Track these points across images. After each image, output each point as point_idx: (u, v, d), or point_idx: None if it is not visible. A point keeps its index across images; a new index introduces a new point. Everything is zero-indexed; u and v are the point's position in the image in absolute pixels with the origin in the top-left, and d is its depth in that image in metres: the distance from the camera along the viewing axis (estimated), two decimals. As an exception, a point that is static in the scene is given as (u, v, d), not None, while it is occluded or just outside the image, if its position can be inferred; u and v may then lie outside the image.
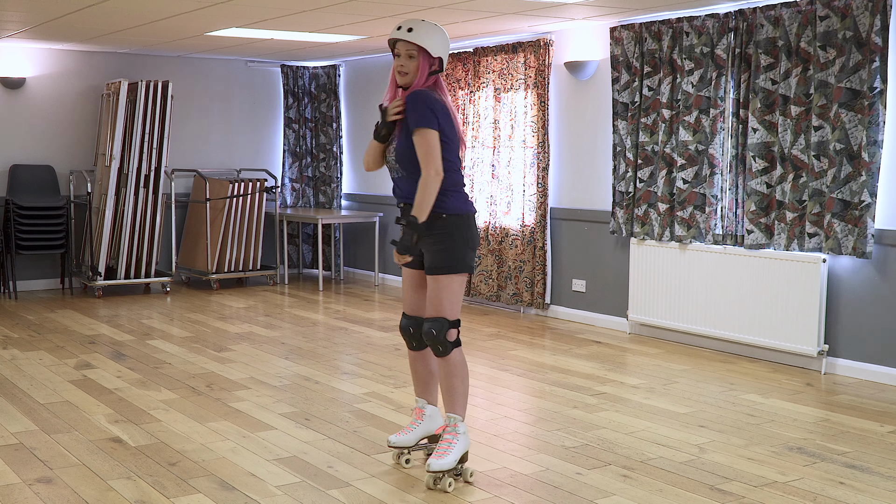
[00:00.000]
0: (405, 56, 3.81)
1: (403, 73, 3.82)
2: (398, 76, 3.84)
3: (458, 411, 3.91)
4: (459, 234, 3.84)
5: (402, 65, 3.81)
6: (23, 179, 8.80)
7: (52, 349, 6.43)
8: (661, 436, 4.54)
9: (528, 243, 7.75)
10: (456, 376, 3.88)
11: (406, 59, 3.81)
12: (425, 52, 3.79)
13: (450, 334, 3.83)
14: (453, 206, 3.84)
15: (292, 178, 10.26)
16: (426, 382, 4.12)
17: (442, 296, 3.82)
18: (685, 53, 6.40)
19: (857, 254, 5.53)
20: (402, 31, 3.80)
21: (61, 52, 9.04)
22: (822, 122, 5.65)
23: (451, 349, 3.85)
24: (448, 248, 3.82)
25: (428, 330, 3.83)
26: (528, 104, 7.66)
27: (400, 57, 3.81)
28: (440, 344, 3.83)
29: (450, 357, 3.86)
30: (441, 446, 3.85)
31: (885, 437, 4.56)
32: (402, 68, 3.82)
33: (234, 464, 4.10)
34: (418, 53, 3.79)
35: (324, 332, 7.19)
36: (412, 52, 3.80)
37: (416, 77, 3.81)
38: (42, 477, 3.93)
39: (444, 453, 3.81)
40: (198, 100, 9.77)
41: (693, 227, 6.46)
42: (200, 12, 6.58)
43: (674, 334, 6.76)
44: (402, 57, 3.81)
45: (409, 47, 3.80)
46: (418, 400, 4.14)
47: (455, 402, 3.90)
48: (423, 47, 3.78)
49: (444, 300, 3.83)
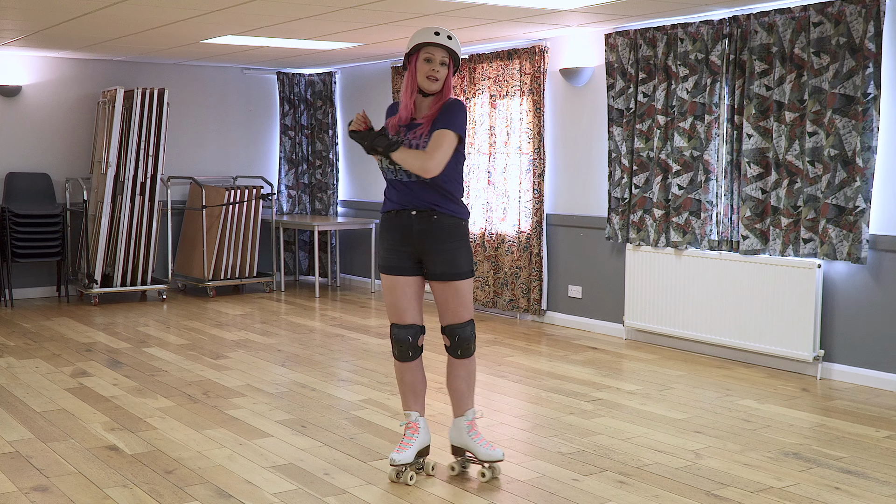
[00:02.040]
0: (439, 63, 3.78)
1: (435, 79, 3.79)
2: (428, 82, 3.79)
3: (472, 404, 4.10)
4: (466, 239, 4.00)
5: (436, 71, 3.78)
6: (19, 187, 8.80)
7: (49, 357, 6.43)
8: (658, 442, 4.54)
9: (524, 249, 7.75)
10: (474, 373, 4.08)
11: (439, 65, 3.78)
12: (455, 60, 3.82)
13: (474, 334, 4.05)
14: (467, 214, 3.99)
15: (288, 185, 10.26)
16: (420, 392, 4.08)
17: (467, 300, 3.97)
18: (680, 60, 6.42)
19: (852, 259, 5.55)
20: (442, 37, 3.76)
21: (57, 59, 9.04)
22: (817, 127, 5.67)
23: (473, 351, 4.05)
24: (468, 252, 3.97)
25: (470, 334, 3.98)
26: (524, 111, 7.68)
27: (432, 63, 3.77)
28: (473, 344, 4.02)
29: (474, 355, 4.06)
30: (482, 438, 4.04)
31: (881, 442, 4.57)
32: (436, 74, 3.78)
33: (231, 471, 4.10)
34: (450, 61, 3.80)
35: (320, 339, 7.19)
36: (445, 59, 3.78)
37: (442, 86, 3.81)
38: (38, 485, 3.93)
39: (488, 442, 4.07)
40: (194, 107, 9.77)
41: (688, 233, 6.47)
42: (196, 20, 6.59)
43: (670, 340, 6.77)
44: (434, 63, 3.77)
45: (444, 54, 3.77)
46: (410, 413, 4.04)
47: (471, 396, 4.08)
48: (456, 57, 3.81)
49: (468, 304, 3.98)
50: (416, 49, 3.81)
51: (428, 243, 3.89)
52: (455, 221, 3.92)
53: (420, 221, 3.89)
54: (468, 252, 3.96)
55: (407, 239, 3.92)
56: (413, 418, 4.04)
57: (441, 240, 3.88)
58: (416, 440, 4.00)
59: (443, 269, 3.90)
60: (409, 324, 3.98)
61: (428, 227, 3.89)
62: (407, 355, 4.00)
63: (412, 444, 3.99)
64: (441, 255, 3.89)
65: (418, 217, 3.89)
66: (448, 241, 3.90)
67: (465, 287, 3.94)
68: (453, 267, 3.90)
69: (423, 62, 3.79)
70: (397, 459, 3.92)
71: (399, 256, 3.94)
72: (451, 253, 3.90)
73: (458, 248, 3.92)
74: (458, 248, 3.92)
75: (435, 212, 3.88)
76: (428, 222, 3.89)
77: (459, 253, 3.92)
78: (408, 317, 3.98)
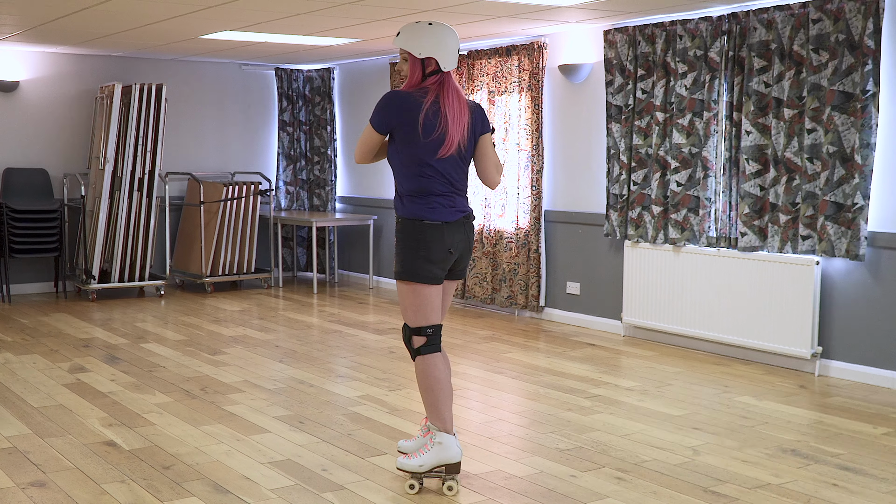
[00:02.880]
0: (401, 59, 3.87)
1: (403, 75, 3.89)
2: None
3: (434, 421, 3.86)
4: (409, 241, 3.80)
5: (400, 68, 3.87)
6: (16, 183, 8.79)
7: (46, 353, 6.42)
8: (655, 438, 4.54)
9: (522, 246, 7.75)
10: (420, 385, 3.86)
11: (402, 61, 3.86)
12: (410, 53, 3.79)
13: (413, 340, 3.84)
14: (409, 211, 3.79)
15: (286, 181, 10.26)
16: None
17: (400, 301, 3.88)
18: (679, 56, 6.41)
19: (851, 256, 5.55)
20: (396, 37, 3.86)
21: (55, 55, 9.03)
22: (815, 124, 5.67)
23: (415, 356, 3.85)
24: (397, 252, 3.83)
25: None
26: (522, 107, 7.67)
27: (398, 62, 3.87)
28: (406, 348, 3.90)
29: (415, 363, 3.86)
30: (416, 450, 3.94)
31: (879, 438, 4.57)
32: (402, 71, 3.88)
33: (228, 467, 4.10)
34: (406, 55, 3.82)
35: (318, 336, 7.19)
36: (403, 54, 3.84)
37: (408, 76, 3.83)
38: (35, 481, 3.92)
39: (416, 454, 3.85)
40: (192, 103, 9.76)
41: (687, 230, 6.47)
42: (194, 15, 6.58)
43: (668, 337, 6.77)
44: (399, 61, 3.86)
45: (399, 50, 3.85)
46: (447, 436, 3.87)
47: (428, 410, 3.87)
48: (405, 49, 3.79)
49: (401, 305, 3.86)
50: None
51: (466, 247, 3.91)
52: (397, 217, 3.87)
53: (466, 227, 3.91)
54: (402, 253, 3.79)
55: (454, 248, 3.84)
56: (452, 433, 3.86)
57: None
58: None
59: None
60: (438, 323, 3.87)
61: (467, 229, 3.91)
62: (439, 346, 3.85)
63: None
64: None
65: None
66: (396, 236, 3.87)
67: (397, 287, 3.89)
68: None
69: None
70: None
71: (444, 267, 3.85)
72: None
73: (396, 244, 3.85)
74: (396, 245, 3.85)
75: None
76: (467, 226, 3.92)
77: (396, 250, 3.84)
78: (437, 317, 3.87)
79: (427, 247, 3.77)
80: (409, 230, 3.79)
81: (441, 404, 3.82)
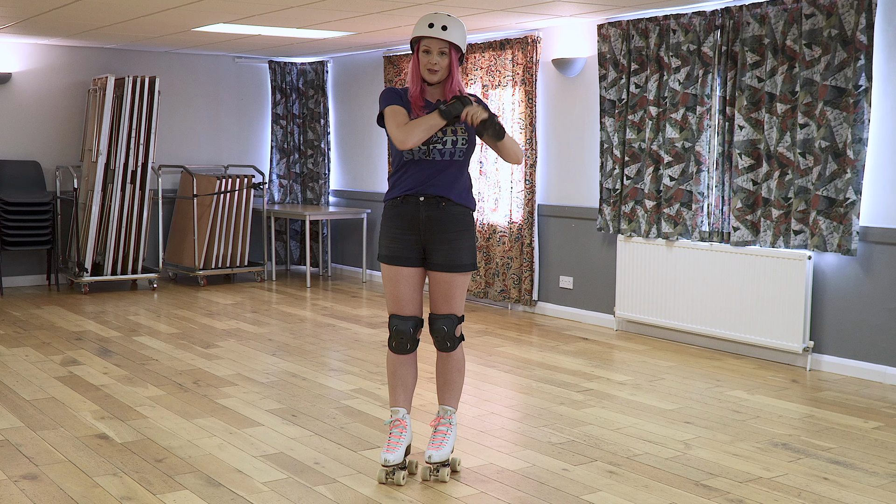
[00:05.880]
0: (437, 53, 3.71)
1: (434, 70, 3.72)
2: (428, 73, 3.73)
3: (455, 404, 4.00)
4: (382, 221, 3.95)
5: (435, 63, 3.71)
6: (8, 175, 8.77)
7: (38, 345, 6.41)
8: (647, 432, 4.56)
9: (515, 240, 7.76)
10: (460, 371, 3.98)
11: (438, 55, 3.71)
12: (457, 47, 3.72)
13: (457, 330, 3.92)
14: (474, 204, 3.92)
15: (280, 174, 10.24)
16: (410, 388, 3.98)
17: (458, 294, 3.88)
18: (672, 51, 6.42)
19: (843, 251, 5.56)
20: (435, 28, 3.68)
21: (47, 46, 8.99)
22: (808, 119, 5.68)
23: (458, 344, 3.95)
24: (473, 244, 3.88)
25: (440, 327, 3.87)
26: (516, 101, 7.67)
27: (430, 54, 3.71)
28: (450, 340, 3.90)
29: (457, 352, 3.96)
30: (437, 437, 3.91)
31: (870, 433, 4.59)
32: (434, 66, 3.71)
33: (221, 460, 4.10)
34: (450, 50, 3.72)
35: (311, 329, 7.19)
36: (444, 48, 3.70)
37: (446, 74, 3.74)
38: (28, 473, 3.92)
39: (443, 443, 3.88)
40: (185, 95, 9.74)
41: (680, 224, 6.48)
42: (188, 8, 6.56)
43: (660, 331, 6.78)
44: (432, 54, 3.70)
45: (442, 45, 3.70)
46: (399, 410, 3.94)
47: (455, 395, 4.00)
48: (457, 44, 3.71)
49: (459, 298, 3.90)
50: (416, 40, 3.77)
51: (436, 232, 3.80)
52: (469, 210, 3.87)
53: (428, 208, 3.80)
54: (472, 244, 3.87)
55: (413, 227, 3.82)
56: (401, 415, 3.93)
57: (447, 229, 3.80)
58: (404, 438, 3.91)
59: (451, 258, 3.82)
60: (409, 315, 3.88)
61: (436, 214, 3.79)
62: (405, 347, 3.89)
63: (401, 442, 3.89)
64: (446, 242, 3.81)
65: (426, 203, 3.79)
66: (467, 230, 3.84)
67: (462, 280, 3.87)
68: (464, 258, 3.83)
69: (422, 54, 3.74)
70: (391, 460, 3.82)
71: (403, 246, 3.84)
72: (465, 242, 3.83)
73: (469, 238, 3.85)
74: (469, 239, 3.85)
75: (443, 199, 3.79)
76: (437, 209, 3.79)
77: (470, 244, 3.85)
78: (408, 308, 3.88)
79: (386, 223, 3.89)
80: (471, 220, 3.92)
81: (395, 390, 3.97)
